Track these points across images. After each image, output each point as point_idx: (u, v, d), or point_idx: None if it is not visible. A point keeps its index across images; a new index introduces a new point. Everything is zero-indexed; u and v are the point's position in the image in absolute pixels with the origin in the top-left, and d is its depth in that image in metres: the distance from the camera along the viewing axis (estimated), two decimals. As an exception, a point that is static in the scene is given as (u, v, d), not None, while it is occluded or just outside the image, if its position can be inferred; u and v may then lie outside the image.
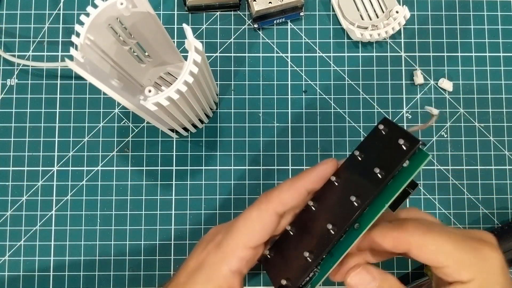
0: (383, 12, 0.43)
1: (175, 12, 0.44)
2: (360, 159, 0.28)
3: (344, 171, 0.28)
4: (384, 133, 0.27)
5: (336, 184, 0.28)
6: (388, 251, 0.28)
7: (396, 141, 0.26)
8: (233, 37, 0.44)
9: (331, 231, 0.27)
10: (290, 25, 0.44)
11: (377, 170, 0.26)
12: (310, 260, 0.27)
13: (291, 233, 0.30)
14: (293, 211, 0.30)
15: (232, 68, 0.43)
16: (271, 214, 0.28)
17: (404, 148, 0.26)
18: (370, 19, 0.43)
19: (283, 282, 0.28)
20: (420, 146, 0.25)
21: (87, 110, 0.42)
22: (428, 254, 0.26)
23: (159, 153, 0.42)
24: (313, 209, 0.29)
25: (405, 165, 0.26)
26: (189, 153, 0.42)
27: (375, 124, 0.28)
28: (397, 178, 0.26)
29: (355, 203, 0.26)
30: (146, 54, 0.40)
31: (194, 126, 0.40)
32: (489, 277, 0.27)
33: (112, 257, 0.41)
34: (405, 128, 0.27)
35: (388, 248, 0.27)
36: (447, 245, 0.27)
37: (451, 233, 0.27)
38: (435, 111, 0.27)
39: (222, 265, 0.28)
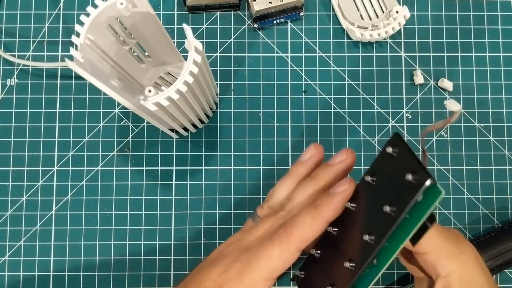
0: (383, 12, 0.43)
1: (175, 12, 0.44)
2: (373, 183, 0.27)
3: (358, 197, 0.27)
4: (395, 155, 0.25)
5: (353, 209, 0.27)
6: None
7: (405, 172, 0.24)
8: (233, 37, 0.44)
9: (349, 267, 0.27)
10: (290, 25, 0.44)
11: (387, 208, 0.25)
12: None
13: (317, 256, 0.30)
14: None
15: (232, 68, 0.43)
16: (293, 253, 0.28)
17: (415, 184, 0.23)
18: (370, 19, 0.43)
19: None
20: (430, 183, 0.23)
21: (87, 110, 0.42)
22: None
23: (159, 153, 0.42)
24: (334, 233, 0.28)
25: (419, 199, 0.24)
26: (189, 153, 0.42)
27: (385, 142, 0.26)
28: (412, 213, 0.25)
29: (369, 241, 0.26)
30: (146, 54, 0.40)
31: (194, 126, 0.40)
32: (468, 269, 0.27)
33: (112, 257, 0.41)
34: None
35: None
36: (432, 230, 0.27)
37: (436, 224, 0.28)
38: (456, 106, 0.24)
39: None
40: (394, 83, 0.43)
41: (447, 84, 0.42)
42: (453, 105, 0.24)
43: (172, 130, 0.40)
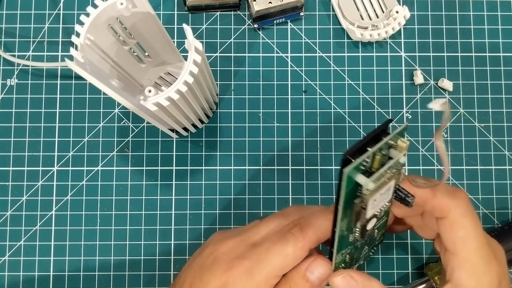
0: (383, 12, 0.43)
1: (175, 12, 0.44)
2: None
3: None
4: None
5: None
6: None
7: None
8: (233, 37, 0.44)
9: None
10: (290, 25, 0.44)
11: None
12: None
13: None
14: None
15: (232, 68, 0.43)
16: (305, 252, 0.28)
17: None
18: (370, 19, 0.43)
19: None
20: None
21: (87, 110, 0.42)
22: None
23: (159, 153, 0.42)
24: None
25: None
26: (189, 153, 0.42)
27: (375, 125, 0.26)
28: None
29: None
30: (146, 54, 0.40)
31: (194, 126, 0.41)
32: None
33: (112, 257, 0.41)
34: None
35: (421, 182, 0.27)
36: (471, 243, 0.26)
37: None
38: (438, 106, 0.22)
39: None
40: (394, 83, 0.43)
41: (447, 84, 0.42)
42: (435, 105, 0.22)
43: (172, 130, 0.40)
